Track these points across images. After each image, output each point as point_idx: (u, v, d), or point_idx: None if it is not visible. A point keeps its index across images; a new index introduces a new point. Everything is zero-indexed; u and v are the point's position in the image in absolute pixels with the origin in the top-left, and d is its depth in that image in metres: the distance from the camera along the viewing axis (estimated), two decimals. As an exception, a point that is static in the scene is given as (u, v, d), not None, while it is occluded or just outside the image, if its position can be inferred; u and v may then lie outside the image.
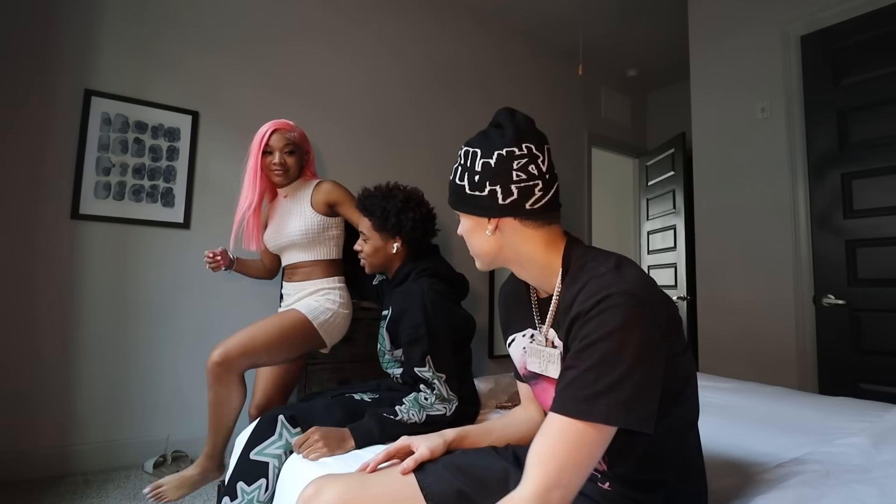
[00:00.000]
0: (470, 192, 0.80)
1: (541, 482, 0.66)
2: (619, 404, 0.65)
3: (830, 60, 2.39)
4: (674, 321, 0.74)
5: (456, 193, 0.83)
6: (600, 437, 0.67)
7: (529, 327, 0.89)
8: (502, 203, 0.78)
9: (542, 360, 0.82)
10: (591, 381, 0.66)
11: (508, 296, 0.98)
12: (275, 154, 1.68)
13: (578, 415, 0.66)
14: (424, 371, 1.31)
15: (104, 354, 2.27)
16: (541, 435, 0.70)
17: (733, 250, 2.73)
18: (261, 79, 2.73)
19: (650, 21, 3.66)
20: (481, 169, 0.79)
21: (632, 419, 0.65)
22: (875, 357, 2.19)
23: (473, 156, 0.80)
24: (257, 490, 1.21)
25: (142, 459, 2.26)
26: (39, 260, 2.16)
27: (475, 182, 0.79)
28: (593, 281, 0.71)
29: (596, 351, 0.66)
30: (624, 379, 0.65)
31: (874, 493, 0.88)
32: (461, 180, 0.82)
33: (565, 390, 0.69)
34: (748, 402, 1.63)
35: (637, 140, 4.81)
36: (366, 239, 1.52)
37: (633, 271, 0.72)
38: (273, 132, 1.68)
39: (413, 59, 3.35)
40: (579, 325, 0.70)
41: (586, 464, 0.67)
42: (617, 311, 0.66)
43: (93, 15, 2.31)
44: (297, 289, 1.72)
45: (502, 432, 1.00)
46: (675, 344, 0.74)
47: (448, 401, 1.30)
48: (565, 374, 0.70)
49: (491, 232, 0.80)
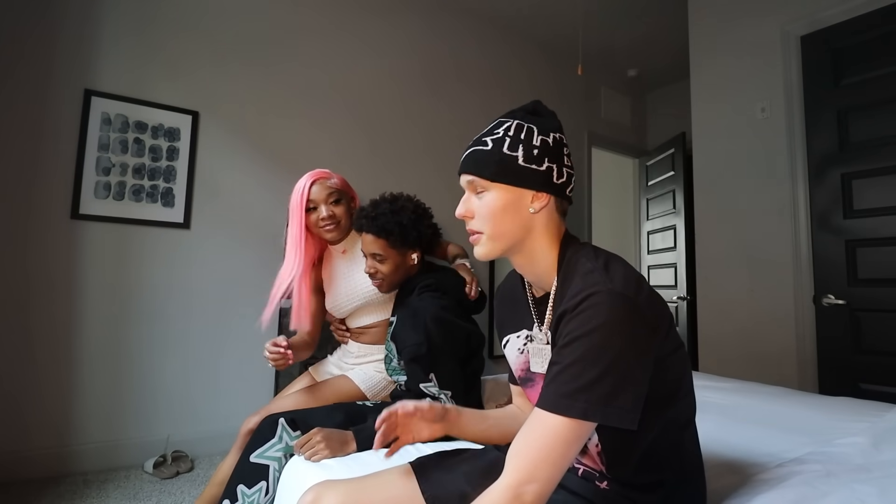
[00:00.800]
0: (524, 164, 0.77)
1: (516, 476, 0.67)
2: (599, 400, 0.66)
3: (830, 60, 2.39)
4: (662, 319, 0.73)
5: (502, 163, 0.77)
6: (578, 433, 0.67)
7: (524, 328, 0.89)
8: (555, 182, 0.78)
9: (542, 359, 0.82)
10: (573, 377, 0.67)
11: (505, 296, 0.97)
12: (320, 208, 1.51)
13: (558, 409, 0.67)
14: (430, 387, 1.30)
15: (104, 354, 2.27)
16: (522, 429, 0.71)
17: (733, 250, 2.73)
18: (261, 79, 2.73)
19: (650, 21, 3.66)
20: (541, 145, 0.78)
21: (611, 415, 0.66)
22: (875, 357, 2.19)
23: (530, 131, 0.79)
24: (258, 493, 1.21)
25: (142, 459, 2.26)
26: (39, 260, 2.16)
27: (533, 155, 0.77)
28: (580, 278, 0.72)
29: (579, 347, 0.67)
30: (604, 375, 0.66)
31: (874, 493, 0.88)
32: (511, 150, 0.77)
33: (548, 386, 0.70)
34: (748, 402, 1.63)
35: (637, 140, 4.81)
36: (382, 259, 1.41)
37: (620, 270, 0.73)
38: (312, 184, 1.52)
39: (412, 59, 3.35)
40: (565, 322, 0.70)
41: (562, 459, 0.67)
42: (600, 309, 0.67)
43: (93, 15, 2.31)
44: (364, 351, 1.58)
45: (495, 422, 0.97)
46: (666, 343, 0.74)
47: None
48: (550, 369, 0.71)
49: (536, 209, 0.78)
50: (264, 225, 2.69)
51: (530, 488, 0.66)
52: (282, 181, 2.76)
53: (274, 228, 2.70)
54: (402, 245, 1.40)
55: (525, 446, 0.69)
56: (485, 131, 0.83)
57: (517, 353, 0.89)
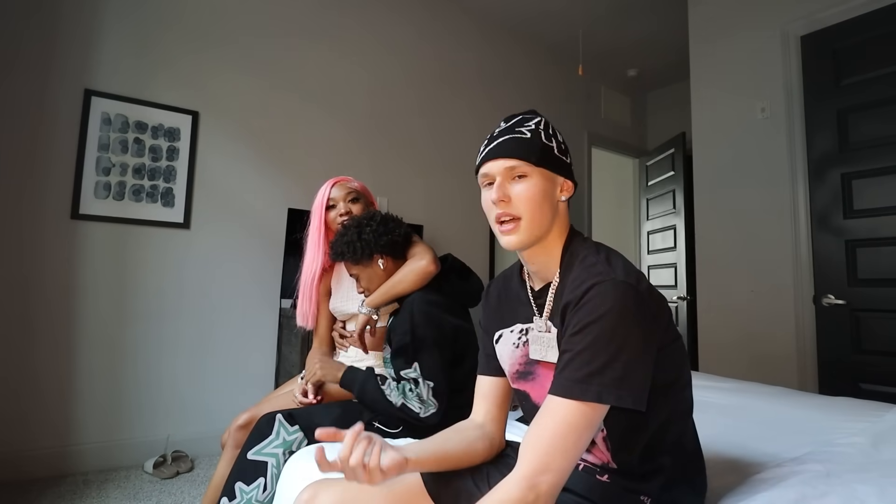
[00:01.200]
0: (559, 155, 0.84)
1: (530, 467, 0.68)
2: (611, 382, 0.68)
3: (830, 60, 2.39)
4: (662, 310, 0.77)
5: (543, 151, 0.82)
6: (592, 418, 0.69)
7: (518, 322, 0.89)
8: (573, 176, 0.87)
9: (542, 346, 0.82)
10: (585, 362, 0.69)
11: (498, 293, 0.97)
12: (339, 205, 1.60)
13: (572, 395, 0.68)
14: (410, 372, 1.30)
15: (104, 354, 2.27)
16: (535, 420, 0.72)
17: (733, 250, 2.73)
18: (261, 79, 2.73)
19: (650, 21, 3.66)
20: (563, 140, 0.87)
21: (624, 397, 0.68)
22: (875, 357, 2.19)
23: (554, 128, 0.87)
24: (256, 489, 1.21)
25: (142, 459, 2.26)
26: (39, 260, 2.16)
27: (562, 149, 0.85)
28: (584, 270, 0.76)
29: (588, 334, 0.69)
30: (615, 359, 0.68)
31: (874, 493, 0.88)
32: (548, 141, 0.83)
33: (561, 373, 0.71)
34: (748, 402, 1.63)
35: (637, 140, 4.81)
36: (357, 275, 1.47)
37: (622, 263, 0.77)
38: (333, 185, 1.63)
39: (412, 59, 3.35)
40: (572, 312, 0.73)
41: (575, 447, 0.68)
42: (607, 297, 0.70)
43: (93, 15, 2.31)
44: (361, 355, 1.58)
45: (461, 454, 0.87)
46: (666, 333, 0.77)
47: (425, 403, 1.26)
48: (560, 358, 0.73)
49: (565, 198, 0.84)
50: (264, 225, 2.69)
51: (545, 478, 0.67)
52: (282, 181, 2.77)
53: (274, 228, 2.71)
54: (362, 259, 1.45)
55: (538, 437, 0.69)
56: (512, 123, 0.85)
57: (512, 348, 0.89)
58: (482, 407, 0.95)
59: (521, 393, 0.90)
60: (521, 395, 0.90)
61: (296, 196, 2.77)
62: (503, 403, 0.95)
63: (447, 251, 1.62)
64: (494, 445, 0.92)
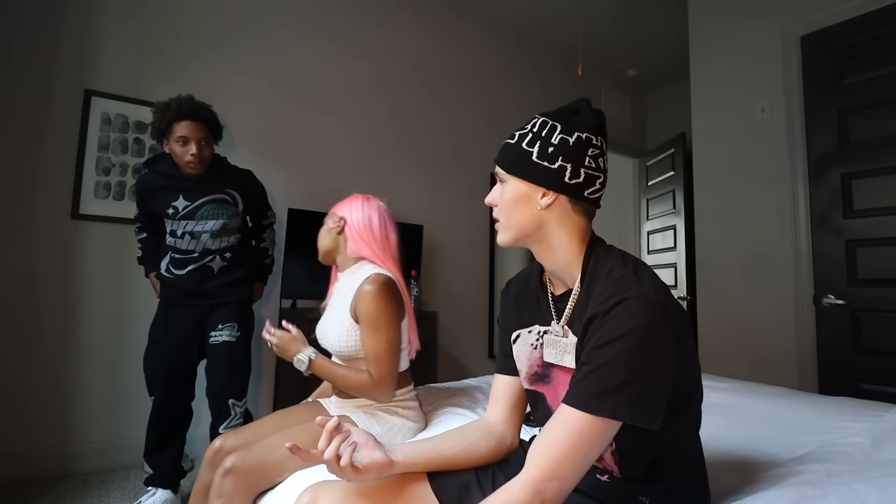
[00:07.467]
0: (536, 161, 0.80)
1: (538, 472, 0.68)
2: (629, 401, 0.67)
3: (830, 60, 2.39)
4: (684, 327, 0.75)
5: (518, 157, 0.81)
6: (604, 433, 0.68)
7: (537, 323, 0.88)
8: (567, 181, 0.79)
9: (558, 350, 0.82)
10: (605, 377, 0.67)
11: (517, 292, 0.96)
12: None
13: (588, 408, 0.67)
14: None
15: (104, 354, 2.27)
16: (548, 425, 0.71)
17: (733, 250, 2.73)
18: (261, 79, 2.73)
19: (650, 21, 3.66)
20: (558, 143, 0.80)
21: (640, 416, 0.67)
22: (875, 357, 2.19)
23: (552, 128, 0.81)
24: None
25: (142, 459, 2.26)
26: (39, 260, 2.16)
27: (547, 153, 0.80)
28: (612, 283, 0.73)
29: (612, 350, 0.68)
30: (636, 378, 0.67)
31: (874, 493, 0.88)
32: (529, 146, 0.81)
33: (578, 384, 0.70)
34: (748, 402, 1.63)
35: (637, 140, 4.81)
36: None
37: (650, 276, 0.74)
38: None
39: (413, 59, 3.35)
40: (596, 325, 0.71)
41: (585, 459, 0.68)
42: (634, 314, 0.68)
43: (92, 15, 2.31)
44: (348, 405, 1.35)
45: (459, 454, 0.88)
46: (684, 350, 0.75)
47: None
48: (579, 369, 0.72)
49: (544, 206, 0.80)
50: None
51: (552, 486, 0.67)
52: (281, 181, 2.76)
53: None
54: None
55: (549, 443, 0.69)
56: (520, 126, 0.85)
57: (530, 350, 0.88)
58: (496, 406, 0.96)
59: (536, 394, 0.89)
60: (536, 397, 0.89)
61: (296, 196, 2.77)
62: (518, 403, 0.95)
63: (447, 251, 1.62)
64: (504, 445, 0.92)
